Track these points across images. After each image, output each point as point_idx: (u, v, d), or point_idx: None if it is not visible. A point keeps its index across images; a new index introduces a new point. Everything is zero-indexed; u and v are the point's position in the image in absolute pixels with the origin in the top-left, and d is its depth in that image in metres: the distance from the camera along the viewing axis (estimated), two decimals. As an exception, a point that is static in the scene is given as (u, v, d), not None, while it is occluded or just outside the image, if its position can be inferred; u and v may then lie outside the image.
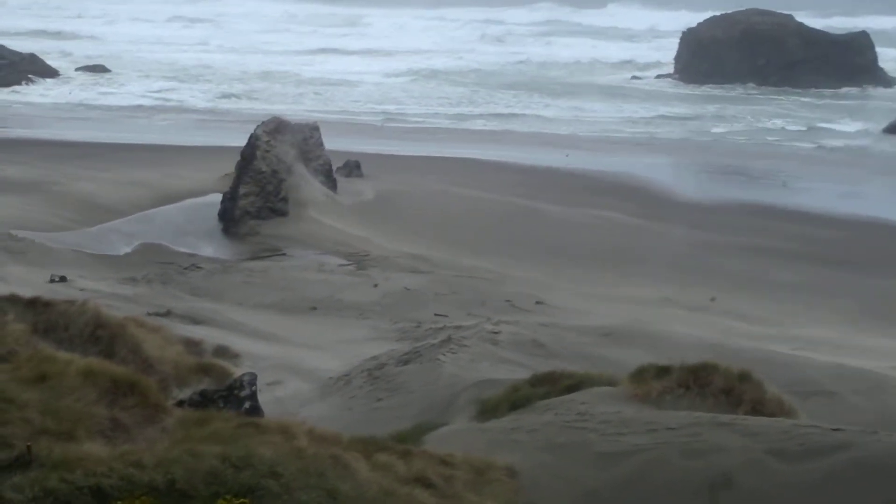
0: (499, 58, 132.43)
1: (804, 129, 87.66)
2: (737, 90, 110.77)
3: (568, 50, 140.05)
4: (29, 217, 46.50)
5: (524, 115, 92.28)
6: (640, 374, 16.60)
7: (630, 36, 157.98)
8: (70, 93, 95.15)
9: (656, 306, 39.10)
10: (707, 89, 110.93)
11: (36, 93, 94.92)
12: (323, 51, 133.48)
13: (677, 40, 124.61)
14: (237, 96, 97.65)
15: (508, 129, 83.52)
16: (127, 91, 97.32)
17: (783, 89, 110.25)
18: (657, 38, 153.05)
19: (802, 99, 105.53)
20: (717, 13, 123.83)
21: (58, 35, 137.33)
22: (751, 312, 39.05)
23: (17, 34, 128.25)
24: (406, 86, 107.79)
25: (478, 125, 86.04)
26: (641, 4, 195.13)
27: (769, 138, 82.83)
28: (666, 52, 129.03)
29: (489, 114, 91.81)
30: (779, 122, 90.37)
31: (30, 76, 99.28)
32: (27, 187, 50.83)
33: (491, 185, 57.59)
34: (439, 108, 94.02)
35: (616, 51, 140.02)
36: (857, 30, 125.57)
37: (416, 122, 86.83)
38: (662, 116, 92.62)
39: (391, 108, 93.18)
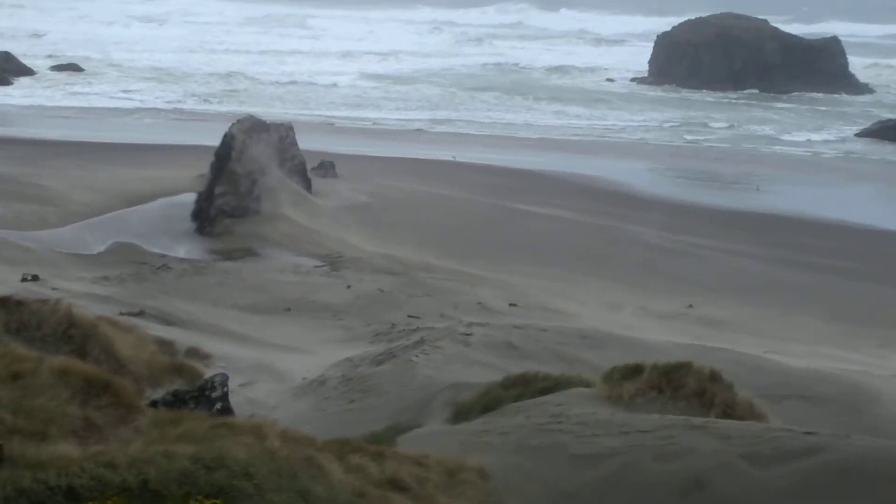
0: (471, 59, 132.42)
1: (785, 134, 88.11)
2: (715, 94, 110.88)
3: (538, 53, 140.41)
4: (1, 215, 46.22)
5: (504, 117, 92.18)
6: (612, 375, 16.65)
7: (592, 40, 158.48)
8: (48, 91, 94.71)
9: (632, 309, 39.20)
10: (686, 93, 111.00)
11: (13, 91, 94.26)
12: (296, 52, 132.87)
13: (640, 44, 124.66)
14: (210, 96, 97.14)
15: (485, 133, 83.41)
16: (101, 90, 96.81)
17: (761, 94, 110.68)
18: (618, 41, 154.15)
19: (781, 104, 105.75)
20: (687, 18, 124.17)
21: (25, 34, 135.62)
22: (724, 316, 39.19)
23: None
24: (384, 87, 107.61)
25: (456, 127, 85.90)
26: (586, 7, 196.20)
27: (747, 145, 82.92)
28: (634, 56, 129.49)
29: (467, 118, 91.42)
30: (764, 128, 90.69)
31: (5, 74, 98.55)
32: (1, 185, 50.50)
33: (467, 187, 57.57)
34: (417, 111, 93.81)
35: (583, 54, 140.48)
36: (828, 35, 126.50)
37: (393, 123, 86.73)
38: (647, 120, 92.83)
39: (368, 110, 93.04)
